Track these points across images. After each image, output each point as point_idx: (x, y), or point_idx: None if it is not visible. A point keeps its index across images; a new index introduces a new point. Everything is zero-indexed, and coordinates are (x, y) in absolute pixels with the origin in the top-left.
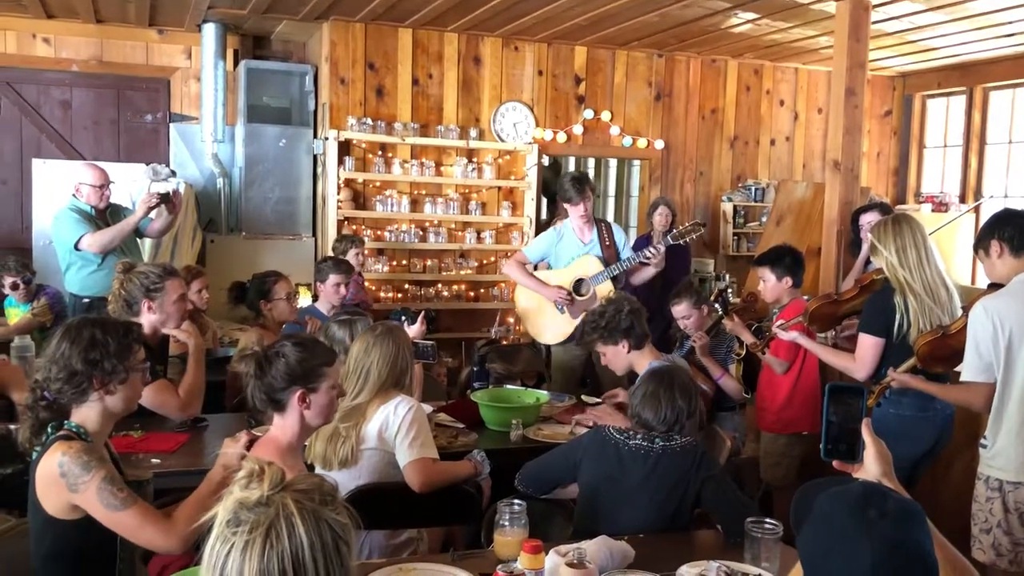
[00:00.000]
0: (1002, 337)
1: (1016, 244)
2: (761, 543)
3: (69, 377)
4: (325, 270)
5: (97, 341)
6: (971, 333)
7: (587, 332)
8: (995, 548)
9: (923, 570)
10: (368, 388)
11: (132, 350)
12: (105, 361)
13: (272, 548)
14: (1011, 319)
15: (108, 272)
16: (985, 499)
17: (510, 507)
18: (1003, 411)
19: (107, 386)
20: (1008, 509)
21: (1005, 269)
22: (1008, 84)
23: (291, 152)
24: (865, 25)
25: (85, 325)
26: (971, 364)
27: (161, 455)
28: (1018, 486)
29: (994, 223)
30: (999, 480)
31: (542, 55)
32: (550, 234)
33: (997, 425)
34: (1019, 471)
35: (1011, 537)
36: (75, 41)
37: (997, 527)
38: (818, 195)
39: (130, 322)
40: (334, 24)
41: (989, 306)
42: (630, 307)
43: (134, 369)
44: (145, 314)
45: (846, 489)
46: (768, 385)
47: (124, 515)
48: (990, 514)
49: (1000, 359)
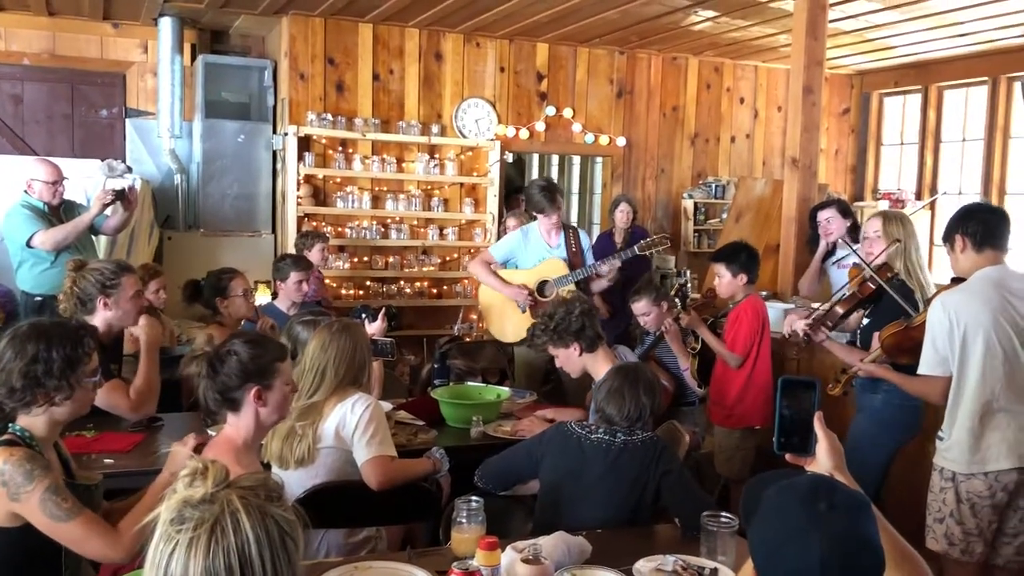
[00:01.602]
0: (957, 332)
1: (979, 239)
2: (717, 536)
3: (9, 393)
4: (285, 268)
5: (40, 358)
6: (928, 327)
7: (537, 335)
8: (947, 538)
9: (872, 560)
10: (325, 386)
11: (81, 363)
12: (47, 380)
13: (218, 544)
14: (966, 315)
15: (61, 270)
16: (939, 489)
17: (467, 504)
18: (958, 405)
19: (51, 400)
20: (960, 499)
21: (967, 264)
22: (961, 83)
23: (250, 148)
24: (822, 23)
25: (31, 338)
26: (928, 358)
27: (115, 455)
28: (970, 477)
29: (960, 218)
30: (952, 471)
31: (504, 51)
32: (516, 235)
33: (952, 418)
34: (970, 463)
35: (963, 527)
36: (26, 34)
37: (950, 516)
38: (777, 192)
39: (83, 330)
40: (293, 19)
41: (947, 301)
42: (581, 308)
43: (81, 383)
44: (100, 311)
45: (795, 482)
46: (722, 380)
47: (68, 526)
48: (943, 504)
49: (955, 354)
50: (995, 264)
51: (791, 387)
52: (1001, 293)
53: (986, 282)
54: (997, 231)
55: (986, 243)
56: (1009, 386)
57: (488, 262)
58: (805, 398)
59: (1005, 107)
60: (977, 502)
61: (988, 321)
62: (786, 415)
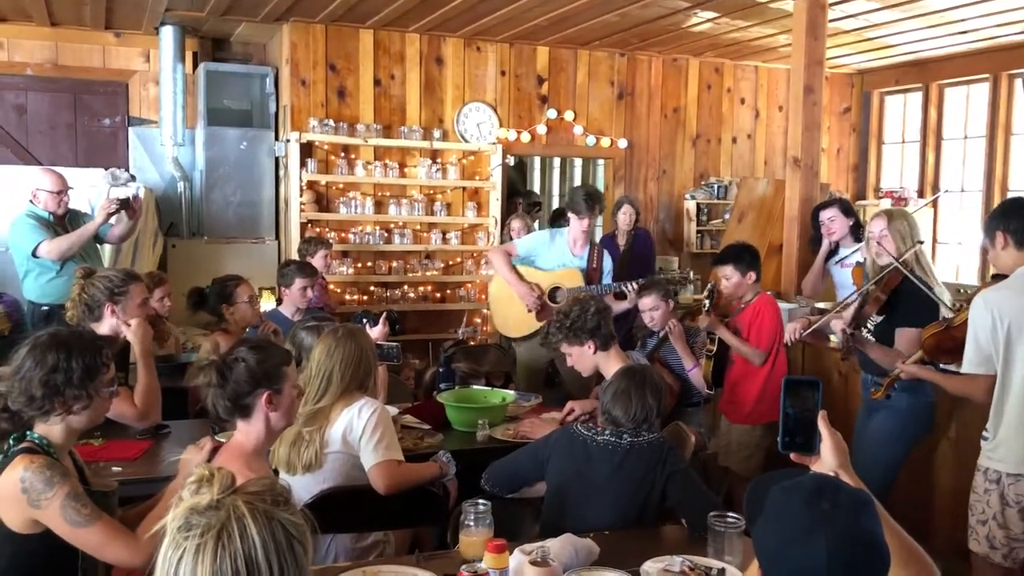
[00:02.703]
0: (1001, 330)
1: (1020, 236)
2: (724, 537)
3: (29, 401)
4: (290, 274)
5: (60, 368)
6: (971, 326)
7: (552, 332)
8: (989, 540)
9: (878, 558)
10: (331, 391)
11: (100, 372)
12: (67, 389)
13: (224, 550)
14: (1010, 312)
15: (67, 279)
16: (984, 491)
17: (475, 507)
18: (1004, 404)
19: (69, 409)
20: (1007, 502)
21: (1009, 260)
22: (962, 80)
23: (252, 155)
24: (822, 23)
25: (51, 348)
26: (971, 356)
27: (123, 463)
28: (1018, 479)
29: (1000, 214)
30: (998, 472)
31: (504, 55)
32: (544, 235)
33: (998, 417)
34: (1019, 464)
35: (1006, 532)
36: (29, 44)
37: (992, 520)
38: (779, 192)
39: (101, 341)
40: (294, 25)
41: (989, 298)
42: (596, 307)
43: (99, 392)
44: (107, 318)
45: (798, 482)
46: (741, 379)
47: (88, 531)
48: (987, 506)
49: (999, 352)
50: None
51: (795, 387)
52: None
53: None
54: None
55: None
56: None
57: (509, 253)
58: (809, 397)
59: (1006, 104)
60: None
61: None
62: (790, 415)
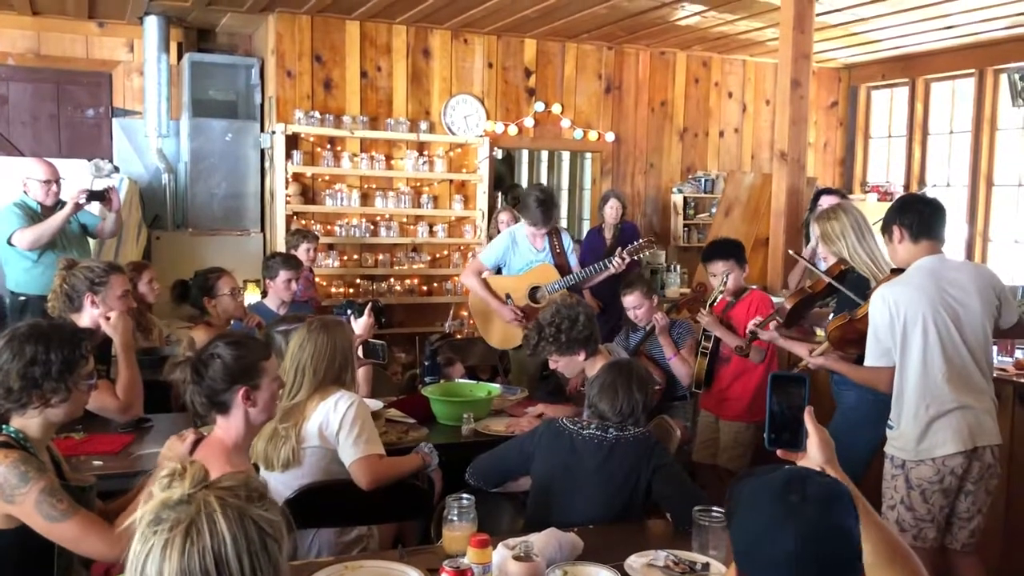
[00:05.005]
0: (898, 323)
1: (915, 231)
2: (709, 531)
3: (6, 393)
4: (274, 267)
5: (38, 360)
6: (871, 320)
7: (543, 346)
8: (899, 524)
9: (847, 551)
10: (306, 385)
11: (79, 365)
12: (45, 382)
13: (192, 545)
14: (905, 305)
15: (44, 269)
16: (891, 477)
17: (458, 501)
18: (903, 394)
19: (47, 402)
20: (911, 486)
21: (905, 255)
22: (948, 76)
23: (238, 146)
24: (809, 17)
25: (29, 339)
26: (872, 349)
27: (104, 457)
28: (918, 464)
29: (896, 209)
30: (902, 459)
31: (492, 48)
32: (504, 239)
33: (899, 407)
34: (917, 450)
35: (913, 513)
36: (10, 34)
37: (900, 503)
38: (766, 185)
39: (81, 333)
40: (280, 16)
41: (886, 293)
42: (586, 315)
43: (78, 385)
44: (87, 308)
45: (770, 476)
46: (739, 375)
47: (64, 526)
48: (894, 491)
49: (897, 344)
50: (932, 254)
51: (781, 383)
52: (938, 283)
53: (923, 272)
54: (933, 222)
55: (922, 234)
56: (950, 373)
57: (479, 271)
58: (795, 394)
59: (992, 99)
60: (927, 488)
61: (927, 311)
62: (776, 411)
